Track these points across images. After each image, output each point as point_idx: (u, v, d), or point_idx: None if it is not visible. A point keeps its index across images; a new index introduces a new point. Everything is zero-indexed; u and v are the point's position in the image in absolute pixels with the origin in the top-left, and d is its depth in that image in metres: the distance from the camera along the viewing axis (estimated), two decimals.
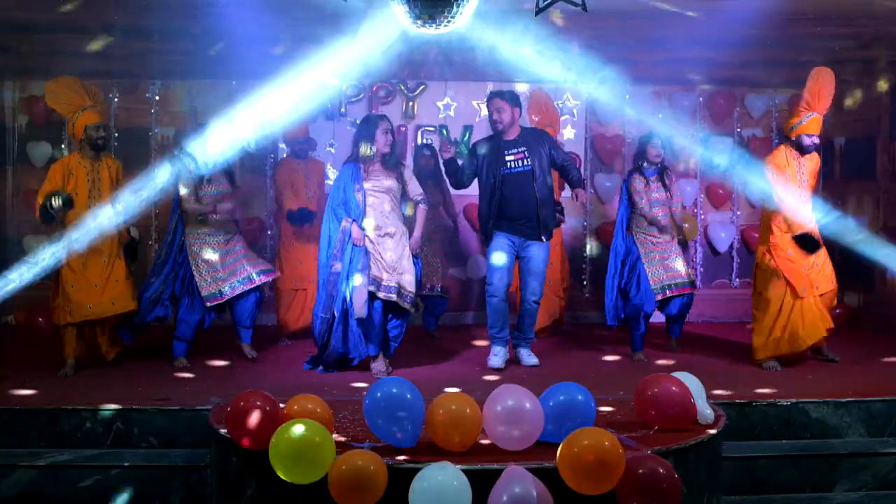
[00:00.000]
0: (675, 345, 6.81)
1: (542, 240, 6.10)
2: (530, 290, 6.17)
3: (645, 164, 6.53)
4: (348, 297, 5.65)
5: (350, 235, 5.69)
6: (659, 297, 6.38)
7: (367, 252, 5.69)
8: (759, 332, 6.14)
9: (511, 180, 6.05)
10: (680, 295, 6.46)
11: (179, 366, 6.12)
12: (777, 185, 6.10)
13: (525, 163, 6.06)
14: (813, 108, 6.14)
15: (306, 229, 7.03)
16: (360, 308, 5.60)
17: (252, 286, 6.22)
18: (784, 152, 6.24)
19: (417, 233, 5.94)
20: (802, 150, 6.16)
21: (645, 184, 6.46)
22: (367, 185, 5.81)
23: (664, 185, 6.50)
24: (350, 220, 5.73)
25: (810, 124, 6.12)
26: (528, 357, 6.22)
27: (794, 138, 6.20)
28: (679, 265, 6.47)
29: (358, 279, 5.62)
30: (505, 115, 6.09)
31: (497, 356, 6.09)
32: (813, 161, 6.29)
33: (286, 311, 7.03)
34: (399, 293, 5.73)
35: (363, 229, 5.73)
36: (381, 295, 5.68)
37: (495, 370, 5.98)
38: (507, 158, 6.07)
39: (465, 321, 8.46)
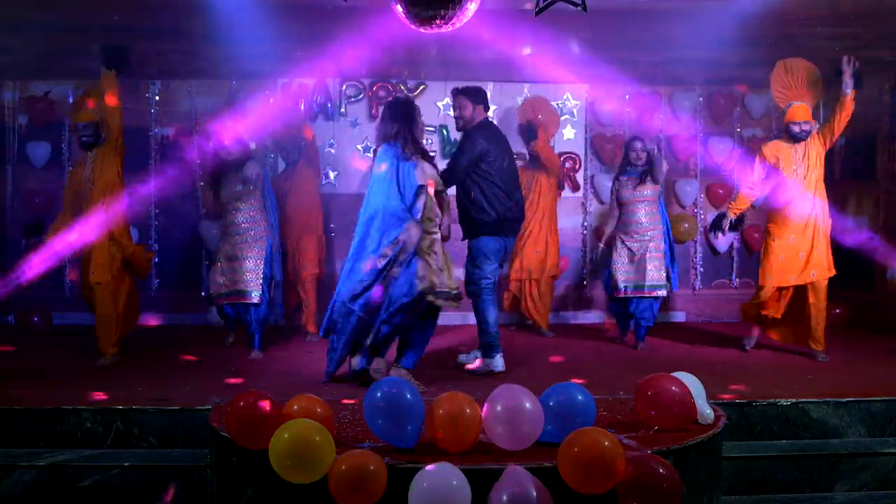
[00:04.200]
0: (638, 346, 6.94)
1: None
2: None
3: (629, 167, 6.86)
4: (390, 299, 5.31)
5: (414, 239, 5.28)
6: (620, 295, 6.84)
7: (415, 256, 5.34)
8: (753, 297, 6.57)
9: None
10: (642, 297, 6.80)
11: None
12: (756, 170, 6.42)
13: None
14: (791, 98, 6.31)
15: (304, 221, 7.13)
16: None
17: (242, 301, 6.34)
18: (778, 141, 6.46)
19: (447, 219, 5.66)
20: (794, 137, 6.29)
21: (620, 185, 6.89)
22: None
23: (641, 184, 6.78)
24: (417, 222, 5.31)
25: (794, 112, 6.25)
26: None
27: (786, 125, 6.38)
28: (649, 268, 6.76)
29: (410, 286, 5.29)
30: (465, 112, 5.99)
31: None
32: (816, 147, 6.30)
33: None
34: (436, 293, 5.37)
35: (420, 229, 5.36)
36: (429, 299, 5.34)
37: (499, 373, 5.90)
38: None
39: (463, 321, 8.47)
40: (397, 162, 5.38)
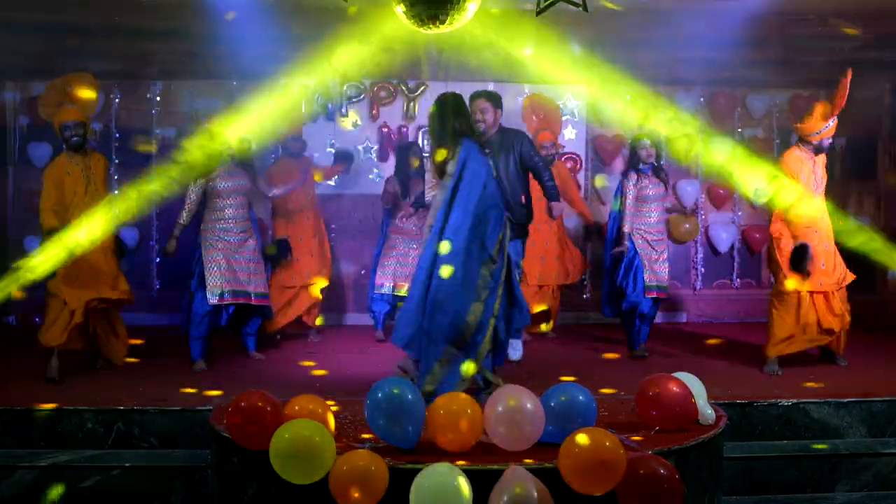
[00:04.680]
0: (641, 346, 6.67)
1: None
2: None
3: (641, 166, 6.61)
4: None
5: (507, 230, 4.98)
6: (652, 295, 6.48)
7: None
8: (773, 328, 6.04)
9: None
10: (655, 297, 6.57)
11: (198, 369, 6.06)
12: (788, 184, 6.05)
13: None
14: (836, 112, 6.03)
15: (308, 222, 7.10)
16: None
17: (247, 302, 6.18)
18: (800, 154, 6.14)
19: None
20: (820, 151, 6.13)
21: (638, 181, 6.56)
22: None
23: (663, 182, 6.66)
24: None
25: (834, 128, 6.06)
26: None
27: (815, 142, 6.09)
28: (663, 270, 6.58)
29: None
30: (488, 115, 5.87)
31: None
32: (821, 158, 6.24)
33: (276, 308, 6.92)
34: None
35: None
36: None
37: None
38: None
39: None
40: (482, 156, 4.98)
